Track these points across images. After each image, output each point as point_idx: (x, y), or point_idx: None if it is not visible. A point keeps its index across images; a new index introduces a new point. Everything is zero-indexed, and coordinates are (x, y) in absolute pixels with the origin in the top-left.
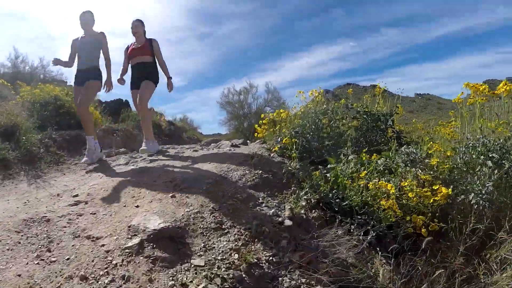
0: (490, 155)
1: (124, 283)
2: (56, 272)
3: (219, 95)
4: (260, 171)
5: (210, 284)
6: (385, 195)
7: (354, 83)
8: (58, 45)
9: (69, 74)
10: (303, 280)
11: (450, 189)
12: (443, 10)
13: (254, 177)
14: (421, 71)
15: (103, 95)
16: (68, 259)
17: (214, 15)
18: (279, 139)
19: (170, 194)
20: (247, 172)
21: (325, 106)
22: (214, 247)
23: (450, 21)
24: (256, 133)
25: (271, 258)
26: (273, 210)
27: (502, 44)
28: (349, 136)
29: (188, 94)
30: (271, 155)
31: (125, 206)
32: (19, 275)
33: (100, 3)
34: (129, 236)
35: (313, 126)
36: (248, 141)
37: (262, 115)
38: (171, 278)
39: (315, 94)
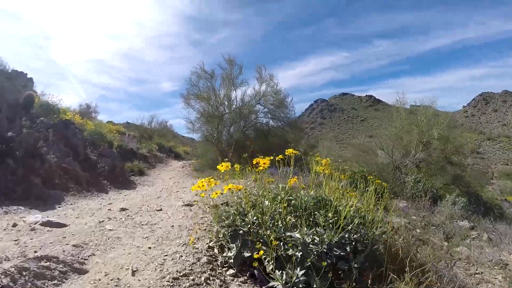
0: None
1: None
2: None
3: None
4: None
5: None
6: None
7: (349, 93)
8: (53, 44)
9: None
10: None
11: None
12: (436, 23)
13: None
14: (414, 83)
15: None
16: None
17: (207, 22)
18: None
19: None
20: None
21: None
22: None
23: (443, 34)
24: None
25: None
26: None
27: (496, 57)
28: None
29: (180, 99)
30: None
31: None
32: None
33: (95, 6)
34: None
35: None
36: None
37: None
38: None
39: None
